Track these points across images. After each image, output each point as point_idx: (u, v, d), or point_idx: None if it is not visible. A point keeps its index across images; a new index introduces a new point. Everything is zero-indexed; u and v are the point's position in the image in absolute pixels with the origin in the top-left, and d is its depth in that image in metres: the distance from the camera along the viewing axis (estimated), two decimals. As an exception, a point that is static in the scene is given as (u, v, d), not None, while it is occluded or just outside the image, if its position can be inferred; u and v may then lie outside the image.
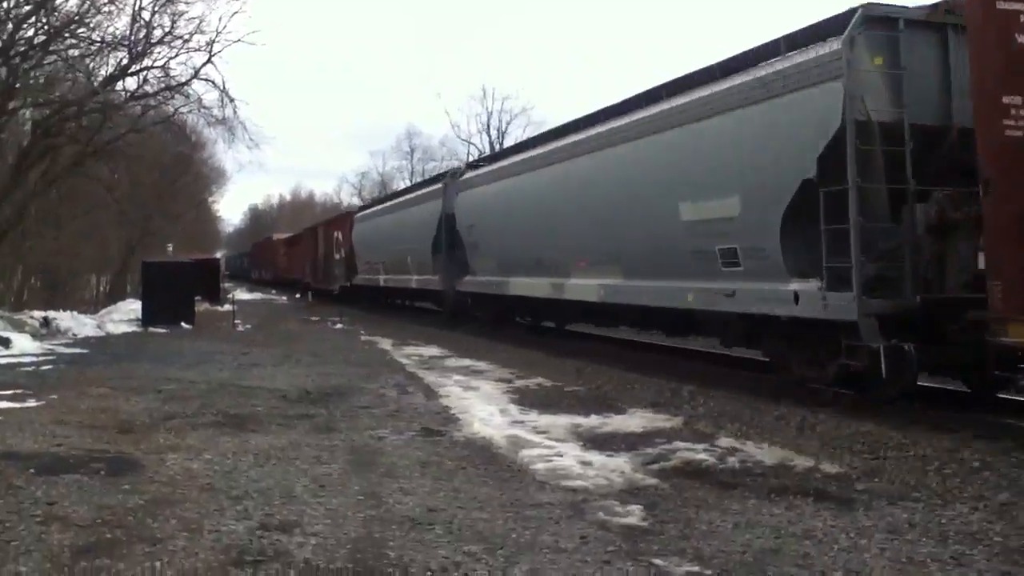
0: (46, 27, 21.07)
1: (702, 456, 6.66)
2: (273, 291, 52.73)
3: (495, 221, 17.30)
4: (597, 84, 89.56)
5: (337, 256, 34.22)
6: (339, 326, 22.48)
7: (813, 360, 9.09)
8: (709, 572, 4.19)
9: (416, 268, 23.21)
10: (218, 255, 63.97)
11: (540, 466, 6.38)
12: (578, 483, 5.90)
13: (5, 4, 19.99)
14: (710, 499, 5.50)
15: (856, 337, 7.99)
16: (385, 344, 16.90)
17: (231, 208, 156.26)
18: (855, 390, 8.73)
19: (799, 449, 6.95)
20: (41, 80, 22.11)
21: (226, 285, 42.91)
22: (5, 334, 16.03)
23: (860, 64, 8.13)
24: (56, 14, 20.99)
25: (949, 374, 9.03)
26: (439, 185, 21.64)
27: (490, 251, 17.92)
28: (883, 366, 7.70)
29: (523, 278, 16.17)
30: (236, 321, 22.57)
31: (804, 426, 7.75)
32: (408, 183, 62.81)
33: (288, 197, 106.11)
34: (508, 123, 61.03)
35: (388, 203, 28.79)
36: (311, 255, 40.79)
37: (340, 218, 36.80)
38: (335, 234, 35.00)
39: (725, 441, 7.23)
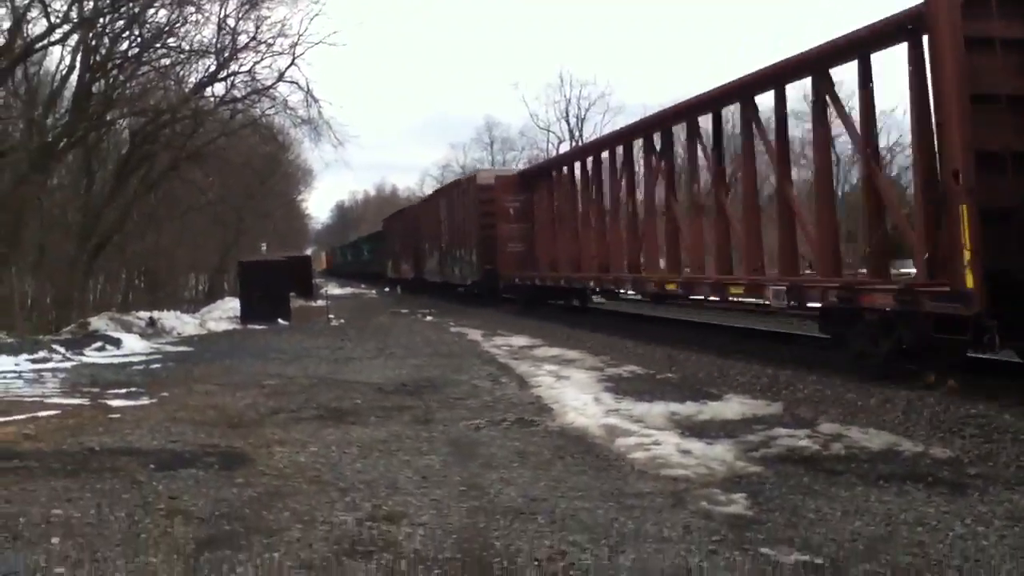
0: (139, 39, 22.01)
1: (805, 443, 6.53)
2: (362, 285, 53.56)
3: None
4: (674, 68, 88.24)
5: None
6: (429, 318, 22.82)
7: None
8: (819, 561, 4.12)
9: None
10: (308, 251, 65.09)
11: (638, 455, 6.37)
12: (678, 472, 5.86)
13: (102, 20, 20.93)
14: (816, 486, 5.40)
15: None
16: (475, 335, 17.09)
17: (319, 206, 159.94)
18: None
19: (906, 434, 6.76)
20: (136, 90, 23.08)
21: (317, 281, 43.87)
22: (116, 334, 16.87)
23: None
24: (147, 26, 21.90)
25: None
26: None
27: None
28: None
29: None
30: (330, 316, 23.14)
31: (911, 410, 7.52)
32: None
33: (373, 192, 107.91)
34: (587, 109, 60.83)
35: None
36: None
37: None
38: None
39: (828, 427, 7.07)
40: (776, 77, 11.50)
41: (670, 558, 4.21)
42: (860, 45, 9.84)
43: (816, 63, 10.67)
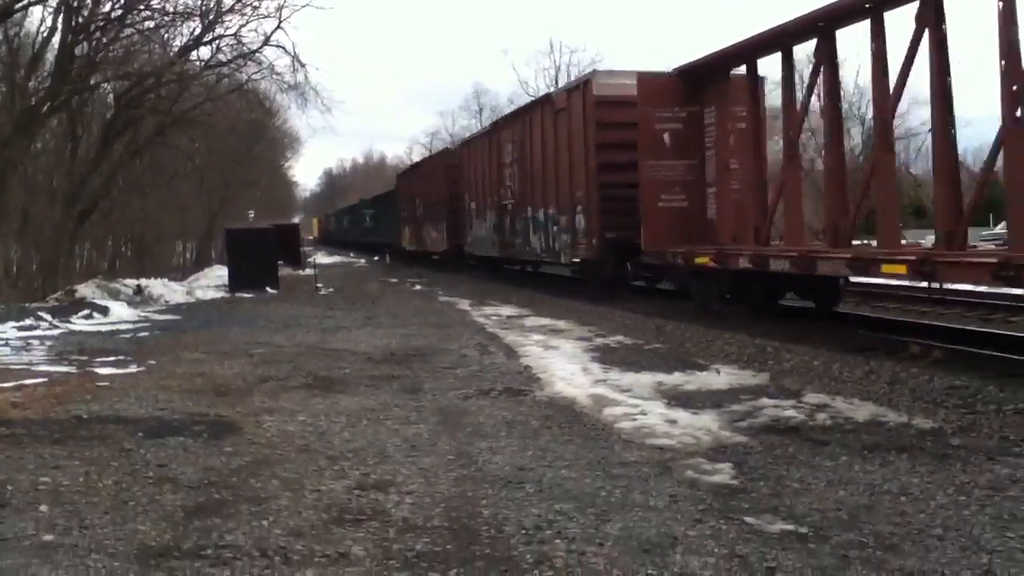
0: (122, 0, 21.64)
1: (790, 413, 6.59)
2: (351, 253, 53.29)
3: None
4: (664, 35, 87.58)
5: None
6: (417, 287, 22.80)
7: None
8: (803, 530, 4.17)
9: None
10: (296, 219, 64.28)
11: (625, 424, 6.41)
12: (664, 441, 5.91)
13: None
14: (801, 456, 5.45)
15: None
16: (463, 304, 17.09)
17: (306, 174, 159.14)
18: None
19: (891, 404, 6.82)
20: (120, 54, 22.76)
21: (306, 249, 43.48)
22: (103, 302, 16.82)
23: None
24: (131, -15, 21.51)
25: None
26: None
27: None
28: None
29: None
30: (318, 285, 23.09)
31: (895, 380, 7.59)
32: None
33: (361, 160, 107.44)
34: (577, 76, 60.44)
35: None
36: None
37: None
38: None
39: (813, 397, 7.13)
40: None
41: (656, 527, 4.25)
42: None
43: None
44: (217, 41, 23.92)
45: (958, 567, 3.69)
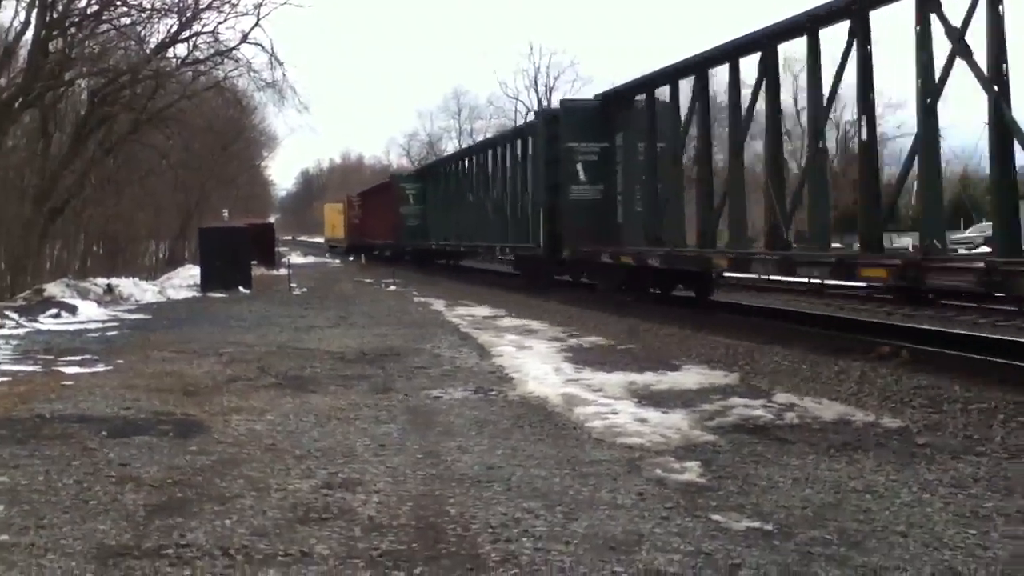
0: (99, -5, 21.35)
1: (759, 412, 6.62)
2: (326, 254, 52.90)
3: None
4: (641, 39, 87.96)
5: None
6: (392, 288, 22.71)
7: None
8: (769, 527, 4.18)
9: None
10: (271, 219, 63.06)
11: (596, 424, 6.41)
12: (634, 440, 5.91)
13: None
14: (768, 455, 5.47)
15: None
16: (438, 305, 17.04)
17: (283, 173, 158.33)
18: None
19: (859, 404, 6.88)
20: (95, 50, 22.46)
21: (281, 249, 43.07)
22: (72, 301, 16.57)
23: None
24: (108, -19, 21.24)
25: None
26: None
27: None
28: None
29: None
30: (292, 285, 22.93)
31: (864, 380, 7.65)
32: (456, 143, 62.27)
33: (338, 160, 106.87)
34: (556, 78, 60.48)
35: None
36: None
37: None
38: None
39: (782, 397, 7.17)
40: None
41: (623, 524, 4.24)
42: None
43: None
44: (194, 38, 23.67)
45: (920, 563, 3.71)
